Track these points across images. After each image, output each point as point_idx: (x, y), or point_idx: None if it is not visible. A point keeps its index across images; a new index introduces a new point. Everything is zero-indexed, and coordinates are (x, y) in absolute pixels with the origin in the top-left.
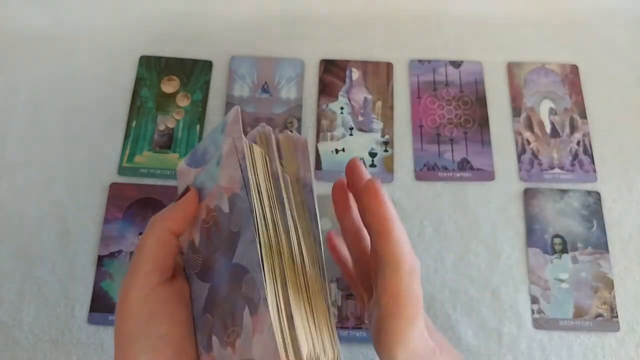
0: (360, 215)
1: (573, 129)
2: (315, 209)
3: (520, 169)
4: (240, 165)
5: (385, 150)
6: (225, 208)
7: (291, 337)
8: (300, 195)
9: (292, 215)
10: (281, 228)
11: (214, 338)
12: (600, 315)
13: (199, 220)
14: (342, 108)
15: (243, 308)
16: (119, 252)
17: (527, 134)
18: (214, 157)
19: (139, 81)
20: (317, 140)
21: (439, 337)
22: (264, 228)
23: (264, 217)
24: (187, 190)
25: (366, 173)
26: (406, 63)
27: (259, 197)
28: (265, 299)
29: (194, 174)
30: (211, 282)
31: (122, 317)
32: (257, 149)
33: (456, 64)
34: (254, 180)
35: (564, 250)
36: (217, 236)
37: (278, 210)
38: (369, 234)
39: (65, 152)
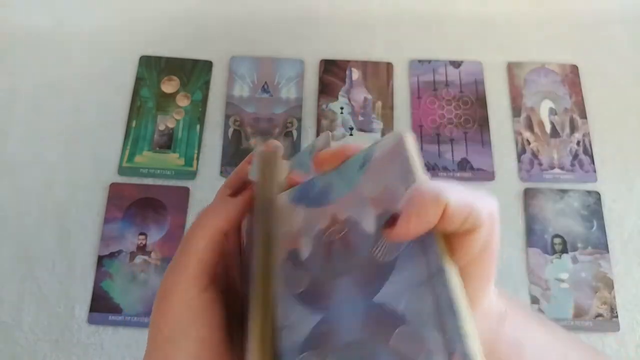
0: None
1: (573, 129)
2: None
3: (520, 169)
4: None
5: None
6: (369, 227)
7: None
8: None
9: None
10: None
11: None
12: (600, 315)
13: (313, 228)
14: (342, 108)
15: None
16: (119, 252)
17: (527, 134)
18: (355, 158)
19: (139, 81)
20: None
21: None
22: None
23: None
24: (246, 185)
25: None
26: (406, 63)
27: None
28: None
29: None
30: (324, 314)
31: (163, 317)
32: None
33: (456, 64)
34: None
35: (564, 250)
36: (343, 258)
37: None
38: None
39: (65, 152)
